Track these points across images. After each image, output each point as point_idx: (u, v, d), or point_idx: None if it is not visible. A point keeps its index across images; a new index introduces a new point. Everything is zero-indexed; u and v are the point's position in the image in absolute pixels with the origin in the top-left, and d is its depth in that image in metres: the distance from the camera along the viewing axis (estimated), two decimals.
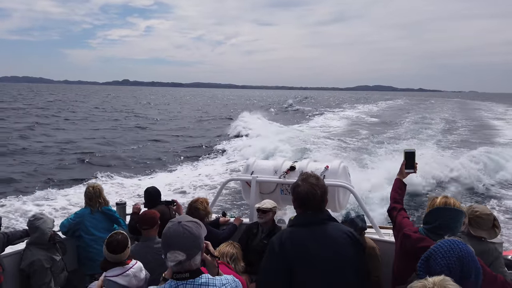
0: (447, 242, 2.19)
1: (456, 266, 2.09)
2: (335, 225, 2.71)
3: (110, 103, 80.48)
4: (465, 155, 17.93)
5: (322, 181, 2.77)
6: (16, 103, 61.77)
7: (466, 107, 74.27)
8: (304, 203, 2.68)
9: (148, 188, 5.21)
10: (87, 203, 4.97)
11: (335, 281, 2.57)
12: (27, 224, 4.26)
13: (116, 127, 36.84)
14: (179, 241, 2.07)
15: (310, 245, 2.61)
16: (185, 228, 2.10)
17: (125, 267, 3.38)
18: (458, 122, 41.67)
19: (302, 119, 44.51)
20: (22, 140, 26.39)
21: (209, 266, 2.60)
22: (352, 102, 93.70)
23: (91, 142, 26.64)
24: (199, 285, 2.08)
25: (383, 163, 16.24)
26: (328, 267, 2.58)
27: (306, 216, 2.68)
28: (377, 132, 31.63)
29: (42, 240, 4.21)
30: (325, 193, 2.72)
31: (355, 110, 62.93)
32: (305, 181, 2.71)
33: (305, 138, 25.86)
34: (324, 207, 2.73)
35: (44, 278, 4.13)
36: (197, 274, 2.11)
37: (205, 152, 23.63)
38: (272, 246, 2.73)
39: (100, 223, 4.90)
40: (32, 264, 4.08)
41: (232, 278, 2.26)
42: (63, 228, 4.79)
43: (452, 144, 25.35)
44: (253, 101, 63.69)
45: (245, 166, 4.97)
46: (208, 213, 4.84)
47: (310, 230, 2.65)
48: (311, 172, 2.91)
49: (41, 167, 18.37)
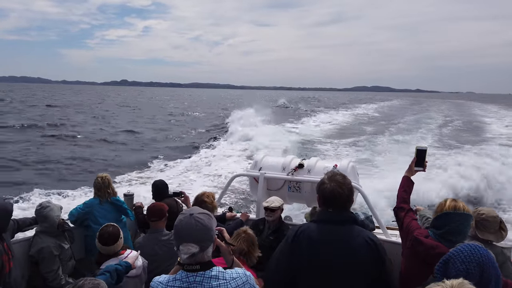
0: (467, 246, 2.12)
1: (476, 272, 2.03)
2: (355, 228, 2.65)
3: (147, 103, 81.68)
4: (465, 156, 17.93)
5: (349, 180, 2.73)
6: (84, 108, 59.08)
7: (462, 107, 74.69)
8: (329, 202, 2.64)
9: (155, 181, 5.26)
10: (96, 193, 5.02)
11: (339, 284, 2.56)
12: (35, 213, 4.30)
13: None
14: (192, 234, 2.07)
15: (324, 243, 2.59)
16: (197, 221, 2.10)
17: (120, 257, 3.40)
18: (455, 122, 41.80)
19: (300, 118, 44.58)
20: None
21: (224, 253, 2.62)
22: (353, 102, 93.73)
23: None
24: (209, 277, 2.09)
25: (388, 164, 16.35)
26: (336, 270, 2.56)
27: (327, 213, 2.65)
28: (378, 132, 31.72)
29: (51, 228, 4.25)
30: (351, 193, 2.68)
31: (357, 110, 63.30)
32: (331, 179, 2.67)
33: (306, 138, 25.97)
34: (349, 207, 2.69)
35: (52, 265, 4.17)
36: (208, 267, 2.12)
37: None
38: (287, 238, 2.76)
39: (108, 214, 4.95)
40: (41, 250, 4.12)
41: (243, 271, 2.25)
42: (72, 217, 4.84)
43: (450, 143, 25.47)
44: (262, 101, 65.02)
45: (253, 162, 4.95)
46: (215, 207, 4.87)
47: (328, 228, 2.62)
48: (338, 171, 2.91)
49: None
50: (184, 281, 2.09)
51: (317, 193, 2.73)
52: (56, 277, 4.19)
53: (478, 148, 21.54)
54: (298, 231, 2.70)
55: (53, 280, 4.18)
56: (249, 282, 2.20)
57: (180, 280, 2.09)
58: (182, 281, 2.09)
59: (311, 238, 2.63)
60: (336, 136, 29.05)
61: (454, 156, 19.06)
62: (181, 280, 2.09)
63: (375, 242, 2.63)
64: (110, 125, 36.78)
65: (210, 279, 2.08)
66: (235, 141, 25.23)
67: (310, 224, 2.74)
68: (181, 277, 2.10)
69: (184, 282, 2.08)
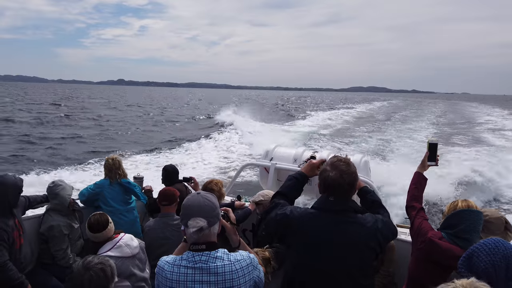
0: (491, 240, 2.07)
1: (502, 264, 1.97)
2: (357, 218, 2.53)
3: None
4: (466, 155, 17.94)
5: (353, 167, 2.59)
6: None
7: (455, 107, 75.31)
8: (330, 190, 2.54)
9: (166, 166, 5.26)
10: (107, 174, 5.03)
11: (333, 267, 2.47)
12: (47, 191, 4.31)
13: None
14: (200, 209, 2.17)
15: (318, 229, 2.50)
16: (205, 198, 2.22)
17: (114, 240, 3.42)
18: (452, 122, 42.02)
19: (299, 118, 44.77)
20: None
21: (229, 233, 2.64)
22: (353, 102, 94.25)
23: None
24: (215, 258, 2.14)
25: (397, 160, 16.39)
26: (334, 259, 2.47)
27: (328, 202, 2.54)
28: (385, 127, 32.01)
29: (62, 207, 4.26)
30: (354, 181, 2.55)
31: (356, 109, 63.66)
32: (334, 166, 2.55)
33: (309, 135, 26.14)
34: (351, 196, 2.58)
35: (61, 244, 4.18)
36: (213, 248, 2.18)
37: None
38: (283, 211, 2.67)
39: (118, 195, 4.96)
40: (51, 228, 4.13)
41: (247, 254, 2.29)
42: (82, 197, 4.84)
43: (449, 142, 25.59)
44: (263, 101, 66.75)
45: (264, 151, 4.91)
46: (222, 196, 4.87)
47: (326, 216, 2.52)
48: (343, 157, 2.75)
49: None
50: (190, 260, 2.15)
51: (319, 179, 2.63)
52: (65, 255, 4.21)
53: (479, 148, 21.57)
54: (293, 210, 2.62)
55: (62, 259, 4.20)
56: (253, 264, 2.26)
57: (186, 260, 2.16)
58: (188, 261, 2.15)
59: (307, 221, 2.54)
60: (348, 132, 29.32)
61: (456, 154, 19.08)
62: (187, 260, 2.16)
63: (376, 231, 2.52)
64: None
65: (216, 259, 2.14)
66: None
67: (307, 208, 2.64)
68: (187, 256, 2.17)
69: (190, 261, 2.15)
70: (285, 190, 2.94)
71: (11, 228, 3.70)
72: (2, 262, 3.56)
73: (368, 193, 2.92)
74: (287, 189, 2.95)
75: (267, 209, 2.83)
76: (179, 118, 43.18)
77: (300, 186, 3.01)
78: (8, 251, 3.66)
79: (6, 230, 3.64)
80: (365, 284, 2.52)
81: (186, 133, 30.19)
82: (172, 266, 2.17)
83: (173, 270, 2.16)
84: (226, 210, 2.71)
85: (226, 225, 2.59)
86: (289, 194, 2.93)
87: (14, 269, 3.65)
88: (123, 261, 3.31)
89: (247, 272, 2.19)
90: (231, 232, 2.63)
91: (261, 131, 27.75)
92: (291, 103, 79.59)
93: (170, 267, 2.17)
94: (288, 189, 2.95)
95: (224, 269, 2.12)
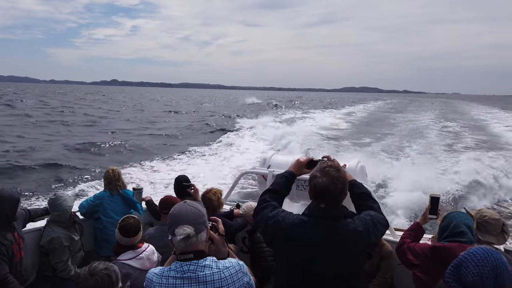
0: (480, 249, 2.04)
1: (490, 275, 1.95)
2: (348, 224, 2.50)
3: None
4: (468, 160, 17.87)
5: (343, 172, 2.61)
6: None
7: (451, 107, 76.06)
8: (320, 196, 2.52)
9: (179, 176, 5.13)
10: (106, 186, 5.04)
11: (327, 274, 2.44)
12: (48, 202, 4.32)
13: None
14: (187, 217, 2.17)
15: (310, 237, 2.47)
16: (192, 206, 2.23)
17: (138, 250, 3.46)
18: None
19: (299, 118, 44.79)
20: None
21: (217, 244, 2.61)
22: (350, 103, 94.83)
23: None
24: (203, 266, 2.13)
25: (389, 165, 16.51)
26: (324, 259, 2.44)
27: (319, 209, 2.51)
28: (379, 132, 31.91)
29: (62, 218, 4.26)
30: (345, 186, 2.57)
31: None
32: (324, 172, 2.53)
33: (306, 137, 26.14)
34: (341, 202, 2.57)
35: (62, 256, 4.18)
36: (201, 256, 2.17)
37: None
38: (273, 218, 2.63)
39: (118, 206, 4.97)
40: (52, 241, 4.13)
41: (236, 261, 2.28)
42: (82, 209, 4.84)
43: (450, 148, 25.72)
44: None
45: (262, 159, 4.94)
46: (221, 204, 4.88)
47: (317, 223, 2.49)
48: (332, 162, 2.75)
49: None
50: (178, 270, 2.14)
51: (309, 186, 2.62)
52: (65, 267, 4.20)
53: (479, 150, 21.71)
54: (285, 217, 2.59)
55: (62, 271, 4.19)
56: (242, 270, 2.25)
57: (175, 270, 2.15)
58: (177, 271, 2.14)
59: (297, 226, 2.52)
60: (344, 136, 29.17)
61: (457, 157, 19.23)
62: (175, 270, 2.15)
63: (369, 235, 2.51)
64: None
65: (204, 267, 2.13)
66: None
67: (298, 215, 2.61)
68: (175, 267, 2.16)
69: (178, 271, 2.14)
70: (276, 187, 2.98)
71: (10, 242, 3.70)
72: (2, 276, 3.57)
73: (355, 186, 2.92)
74: (278, 186, 2.99)
75: (258, 207, 2.84)
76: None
77: (290, 184, 3.07)
78: (8, 264, 3.66)
79: (4, 243, 3.64)
80: (359, 287, 2.53)
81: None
82: (161, 277, 2.16)
83: (161, 281, 2.14)
84: (215, 220, 2.68)
85: (214, 236, 2.57)
86: (280, 192, 2.97)
87: (15, 282, 3.66)
88: (141, 274, 3.32)
89: (236, 279, 2.18)
90: (219, 244, 2.61)
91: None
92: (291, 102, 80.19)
93: (159, 278, 2.16)
94: (279, 186, 2.99)
95: (213, 277, 2.11)
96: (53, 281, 4.22)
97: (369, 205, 2.77)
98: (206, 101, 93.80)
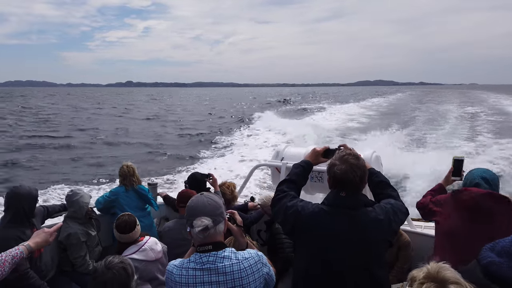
0: None
1: None
2: (369, 212, 2.46)
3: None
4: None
5: (363, 160, 2.57)
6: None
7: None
8: (340, 185, 2.48)
9: (195, 174, 5.04)
10: (122, 181, 5.08)
11: (349, 263, 2.40)
12: (65, 199, 4.38)
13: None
14: (204, 209, 2.18)
15: (331, 226, 2.43)
16: (209, 197, 2.24)
17: (140, 243, 3.47)
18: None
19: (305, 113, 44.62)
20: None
21: (236, 236, 2.63)
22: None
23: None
24: (222, 258, 2.13)
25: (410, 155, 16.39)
26: (345, 248, 2.40)
27: (339, 197, 2.48)
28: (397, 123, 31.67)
29: (79, 215, 4.32)
30: (365, 174, 2.53)
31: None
32: (343, 160, 2.51)
33: (327, 129, 26.08)
34: (361, 190, 2.53)
35: (79, 251, 4.25)
36: (220, 248, 2.17)
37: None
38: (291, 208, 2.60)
39: (133, 202, 5.00)
40: (69, 236, 4.20)
41: (255, 252, 2.28)
42: (99, 205, 4.90)
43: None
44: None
45: (274, 152, 4.92)
46: (235, 198, 4.89)
47: (338, 212, 2.45)
48: (350, 151, 2.75)
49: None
50: (198, 262, 2.14)
51: (328, 175, 2.59)
52: (83, 262, 4.27)
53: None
54: (303, 207, 2.56)
55: (81, 266, 4.26)
56: (261, 261, 2.24)
57: (194, 262, 2.15)
58: (196, 263, 2.14)
59: (317, 216, 2.48)
60: (361, 129, 28.96)
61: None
62: (194, 262, 2.15)
63: (390, 223, 2.47)
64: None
65: (223, 259, 2.13)
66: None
67: (318, 205, 2.57)
68: (195, 259, 2.17)
69: (197, 263, 2.14)
70: (293, 177, 2.94)
71: (28, 237, 3.77)
72: (22, 271, 3.63)
73: (373, 174, 2.86)
74: (295, 176, 2.95)
75: (276, 197, 2.80)
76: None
77: (306, 173, 3.02)
78: (28, 260, 3.73)
79: (23, 239, 3.70)
80: (380, 275, 2.46)
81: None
82: (180, 269, 2.16)
83: (181, 273, 2.15)
84: (231, 212, 2.69)
85: (232, 227, 2.57)
86: (297, 181, 2.93)
87: (36, 277, 3.73)
88: (146, 265, 3.37)
89: (256, 270, 2.17)
90: (237, 235, 2.62)
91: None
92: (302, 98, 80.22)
93: (179, 270, 2.17)
94: (296, 176, 2.95)
95: (232, 268, 2.11)
96: (72, 276, 4.30)
97: (388, 194, 2.72)
98: (234, 100, 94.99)
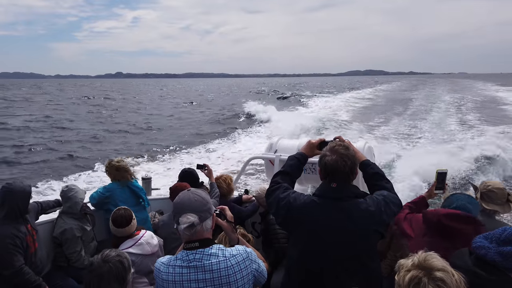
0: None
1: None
2: (360, 203, 2.48)
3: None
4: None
5: (352, 151, 2.62)
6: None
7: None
8: (331, 175, 2.52)
9: (189, 169, 5.00)
10: (115, 176, 5.01)
11: (340, 254, 2.43)
12: (60, 194, 4.38)
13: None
14: (191, 205, 2.13)
15: (322, 217, 2.46)
16: (195, 194, 2.19)
17: (136, 237, 3.50)
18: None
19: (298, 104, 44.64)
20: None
21: (226, 231, 2.62)
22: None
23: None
24: (209, 255, 2.11)
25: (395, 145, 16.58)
26: (336, 239, 2.42)
27: (329, 188, 2.52)
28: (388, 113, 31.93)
29: (74, 210, 4.32)
30: (355, 164, 2.56)
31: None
32: (333, 151, 2.55)
33: (315, 121, 26.13)
34: (351, 180, 2.56)
35: (75, 246, 4.25)
36: (207, 245, 2.15)
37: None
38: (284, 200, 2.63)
39: (128, 198, 4.96)
40: (64, 232, 4.20)
41: (243, 248, 2.25)
42: (93, 200, 4.88)
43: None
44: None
45: (268, 144, 4.91)
46: (232, 190, 4.88)
47: (329, 203, 2.48)
48: (340, 142, 2.78)
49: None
50: (185, 259, 2.13)
51: (319, 166, 2.62)
52: (79, 257, 4.28)
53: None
54: (296, 198, 2.59)
55: (76, 261, 4.27)
56: (250, 258, 2.22)
57: (181, 259, 2.14)
58: (183, 260, 2.13)
59: (308, 208, 2.52)
60: (355, 118, 29.33)
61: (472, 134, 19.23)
62: (181, 259, 2.14)
63: (381, 214, 2.48)
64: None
65: (210, 256, 2.11)
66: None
67: (309, 196, 2.61)
68: (182, 256, 2.15)
69: (184, 260, 2.12)
70: (287, 169, 2.96)
71: (24, 234, 3.79)
72: (17, 267, 3.65)
73: (368, 166, 2.87)
74: (290, 168, 2.97)
75: (270, 188, 2.83)
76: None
77: (301, 166, 3.04)
78: (23, 255, 3.75)
79: (18, 236, 3.72)
80: (373, 267, 2.50)
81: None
82: (167, 266, 2.16)
83: (168, 270, 2.14)
84: (222, 208, 2.66)
85: (222, 223, 2.55)
86: (291, 173, 2.94)
87: (31, 272, 3.76)
88: (143, 259, 3.40)
89: (244, 267, 2.15)
90: (228, 231, 2.61)
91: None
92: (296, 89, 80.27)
93: (166, 268, 2.16)
94: (290, 168, 2.97)
95: (219, 265, 2.09)
96: (67, 271, 4.29)
97: (382, 185, 2.74)
98: (232, 90, 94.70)
